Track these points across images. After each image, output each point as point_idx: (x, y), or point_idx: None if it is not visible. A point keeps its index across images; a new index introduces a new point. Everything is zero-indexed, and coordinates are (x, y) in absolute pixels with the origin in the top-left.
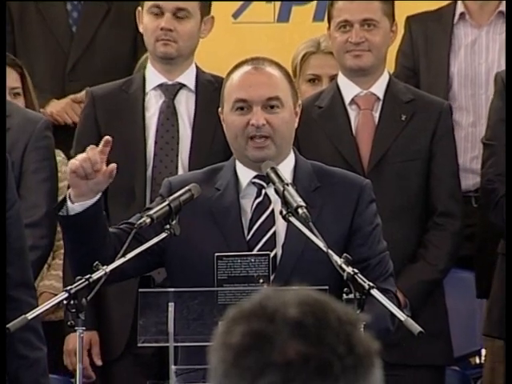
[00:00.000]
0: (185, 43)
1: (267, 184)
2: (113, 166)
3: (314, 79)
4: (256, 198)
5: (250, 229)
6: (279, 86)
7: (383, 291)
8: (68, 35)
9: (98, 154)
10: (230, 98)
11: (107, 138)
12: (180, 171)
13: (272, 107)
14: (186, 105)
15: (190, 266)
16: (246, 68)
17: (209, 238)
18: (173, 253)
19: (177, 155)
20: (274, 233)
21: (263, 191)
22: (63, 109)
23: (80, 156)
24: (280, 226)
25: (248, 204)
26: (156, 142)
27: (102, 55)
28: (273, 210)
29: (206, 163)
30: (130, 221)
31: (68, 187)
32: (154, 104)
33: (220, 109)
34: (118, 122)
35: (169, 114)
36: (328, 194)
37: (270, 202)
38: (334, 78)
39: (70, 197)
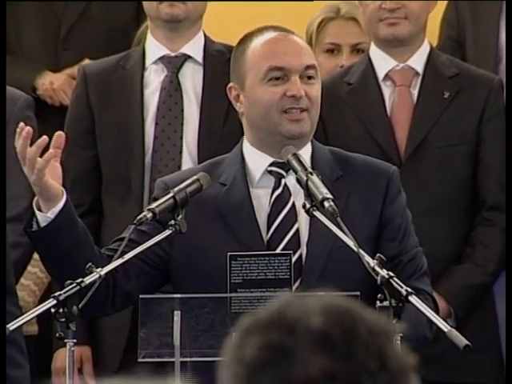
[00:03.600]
0: (194, 5)
1: (286, 172)
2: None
3: (333, 49)
4: (274, 189)
5: (268, 227)
6: (312, 54)
7: (417, 291)
8: None
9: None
10: (259, 67)
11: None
12: (185, 157)
13: (309, 77)
14: (192, 79)
15: (199, 277)
16: (272, 34)
17: (220, 243)
18: (178, 263)
19: (181, 138)
20: (297, 230)
21: (283, 181)
22: (60, 86)
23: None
24: (303, 223)
25: (264, 197)
26: (157, 123)
27: (100, 20)
28: (294, 204)
29: (217, 147)
30: (122, 236)
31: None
32: (154, 79)
33: (233, 84)
34: (113, 102)
35: (172, 90)
36: (352, 184)
37: (290, 194)
38: (355, 48)
39: (38, 208)
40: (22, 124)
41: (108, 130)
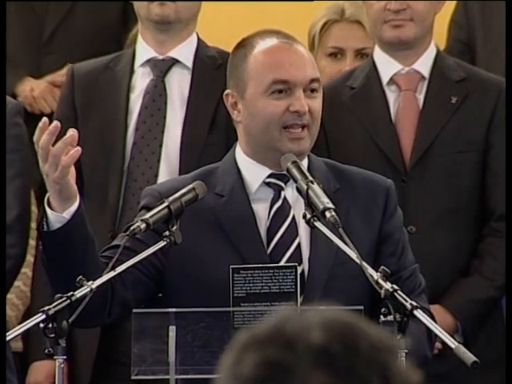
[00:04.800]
0: (186, 5)
1: (285, 184)
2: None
3: (336, 53)
4: (274, 202)
5: (269, 242)
6: (316, 65)
7: None
8: None
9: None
10: (262, 78)
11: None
12: (162, 166)
13: (312, 91)
14: (179, 85)
15: (197, 290)
16: (274, 42)
17: (220, 256)
18: (175, 275)
19: (160, 146)
20: (299, 245)
21: (282, 194)
22: (41, 94)
23: (44, 166)
24: (303, 236)
25: (262, 210)
26: (137, 129)
27: (85, 22)
28: (294, 217)
29: (200, 157)
30: (114, 244)
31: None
32: (141, 83)
33: (231, 91)
34: (98, 105)
35: (156, 94)
36: (351, 197)
37: (290, 206)
38: (360, 52)
39: (49, 207)
40: (45, 119)
41: (91, 134)
